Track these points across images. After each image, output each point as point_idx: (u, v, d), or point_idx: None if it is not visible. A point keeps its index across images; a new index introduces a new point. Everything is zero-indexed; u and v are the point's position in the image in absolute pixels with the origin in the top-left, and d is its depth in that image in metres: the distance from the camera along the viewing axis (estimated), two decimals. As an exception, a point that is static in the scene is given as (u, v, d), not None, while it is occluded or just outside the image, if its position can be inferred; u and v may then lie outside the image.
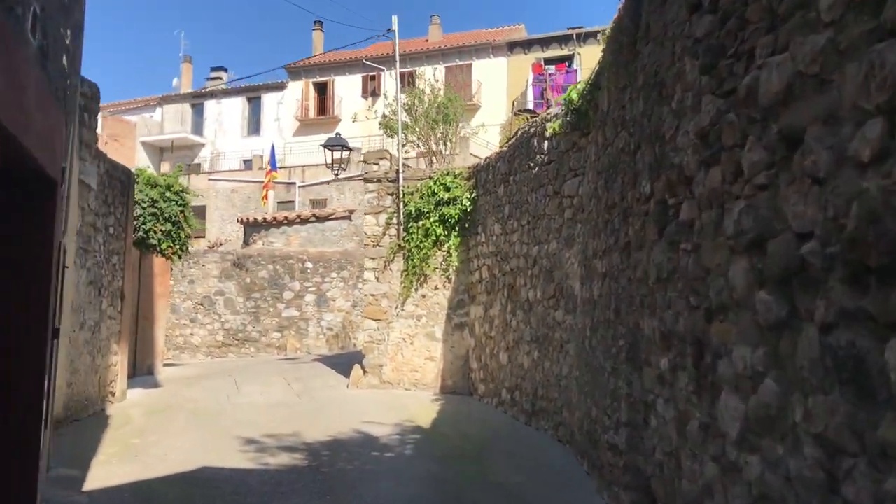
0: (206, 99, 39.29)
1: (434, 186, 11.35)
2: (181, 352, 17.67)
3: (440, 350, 11.34)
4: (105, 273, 9.30)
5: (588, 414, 6.64)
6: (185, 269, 17.86)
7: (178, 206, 13.21)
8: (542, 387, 8.41)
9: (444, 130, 12.61)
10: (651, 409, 4.72)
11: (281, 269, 17.50)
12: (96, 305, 8.96)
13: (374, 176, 11.88)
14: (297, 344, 17.29)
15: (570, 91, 7.77)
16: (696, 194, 3.69)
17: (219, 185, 33.15)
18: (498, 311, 9.96)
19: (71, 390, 8.18)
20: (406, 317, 11.50)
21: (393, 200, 11.74)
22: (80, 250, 8.36)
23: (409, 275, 11.47)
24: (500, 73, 33.34)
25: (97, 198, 8.91)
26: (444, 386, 11.26)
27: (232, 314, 17.54)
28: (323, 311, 17.47)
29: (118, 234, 9.82)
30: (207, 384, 11.93)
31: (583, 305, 7.04)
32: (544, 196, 8.43)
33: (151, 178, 13.10)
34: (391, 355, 11.51)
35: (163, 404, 9.94)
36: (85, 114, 8.45)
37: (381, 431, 8.42)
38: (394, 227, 11.69)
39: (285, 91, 37.40)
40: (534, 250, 8.70)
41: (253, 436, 8.07)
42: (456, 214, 11.14)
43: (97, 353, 9.06)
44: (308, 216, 18.54)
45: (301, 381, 12.12)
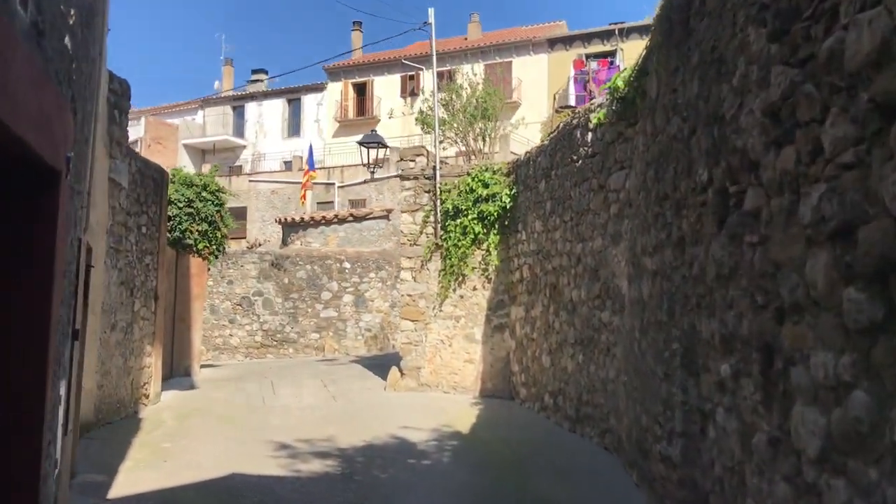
0: (246, 101, 39.52)
1: (472, 183, 10.99)
2: (220, 353, 17.60)
3: (479, 352, 10.97)
4: (137, 273, 9.15)
5: (637, 422, 6.22)
6: (223, 270, 17.78)
7: (214, 205, 13.08)
8: (587, 392, 7.99)
9: (483, 126, 12.23)
10: (709, 419, 4.30)
11: (319, 270, 17.32)
12: (128, 306, 8.80)
13: (411, 173, 11.57)
14: (336, 345, 17.08)
15: (615, 78, 7.34)
16: (764, 180, 3.27)
17: (259, 186, 33.26)
18: (540, 311, 9.56)
19: (102, 392, 8.02)
20: (444, 318, 11.16)
21: (430, 198, 11.41)
22: (110, 250, 8.20)
23: (447, 274, 11.13)
24: (541, 71, 32.84)
25: (128, 196, 8.75)
26: (483, 389, 10.89)
27: (270, 315, 17.41)
28: (361, 312, 17.24)
29: (151, 234, 9.66)
30: (243, 386, 11.75)
31: (631, 306, 6.62)
32: (588, 191, 8.01)
33: (187, 178, 12.98)
34: (429, 357, 11.18)
35: (196, 407, 9.75)
36: (115, 111, 8.29)
37: (418, 437, 8.09)
38: (431, 225, 11.36)
39: (325, 92, 37.40)
40: (577, 248, 8.28)
41: (286, 440, 7.81)
42: (495, 212, 10.76)
43: (130, 355, 8.91)
44: (346, 216, 18.31)
45: (337, 383, 11.87)
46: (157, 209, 9.85)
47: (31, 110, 2.95)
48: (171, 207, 12.61)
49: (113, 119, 8.25)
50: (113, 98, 8.25)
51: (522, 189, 10.45)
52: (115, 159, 8.29)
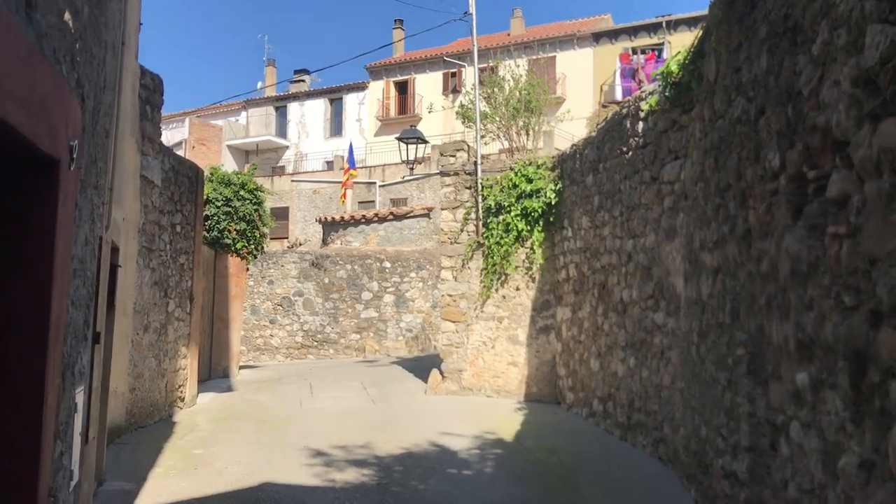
0: (289, 101, 39.65)
1: (515, 178, 10.56)
2: (261, 353, 17.47)
3: (524, 355, 10.54)
4: (172, 273, 8.95)
5: (696, 432, 5.74)
6: (264, 270, 17.66)
7: (252, 204, 12.89)
8: (639, 398, 7.51)
9: (527, 120, 11.78)
10: (781, 434, 3.84)
11: (359, 269, 17.06)
12: (162, 307, 8.60)
13: (451, 169, 11.19)
14: (376, 346, 16.81)
15: (668, 63, 6.85)
16: (855, 161, 2.80)
17: (301, 186, 33.26)
18: (588, 312, 9.09)
19: (134, 396, 7.82)
20: (486, 319, 10.75)
21: (471, 194, 11.02)
22: (142, 249, 8.00)
23: (489, 273, 10.72)
24: (586, 65, 32.17)
25: (162, 195, 8.55)
26: (528, 393, 10.46)
27: (311, 315, 17.21)
28: (402, 312, 16.93)
29: (186, 233, 9.47)
30: (281, 388, 11.52)
31: (688, 306, 6.14)
32: (639, 183, 7.53)
33: (225, 177, 12.82)
34: (471, 360, 10.79)
35: (232, 410, 9.52)
36: (147, 106, 8.09)
37: (460, 444, 7.70)
38: (472, 222, 10.96)
39: (366, 91, 37.30)
40: (628, 245, 7.81)
41: (321, 447, 7.51)
42: (539, 208, 10.32)
43: (164, 357, 8.71)
44: (386, 214, 18.02)
45: (377, 386, 11.56)
46: (192, 208, 9.65)
47: (18, 89, 2.64)
48: (209, 207, 12.47)
49: (144, 115, 8.04)
50: (144, 93, 8.05)
51: (568, 184, 9.99)
52: (146, 156, 8.09)
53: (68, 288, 3.53)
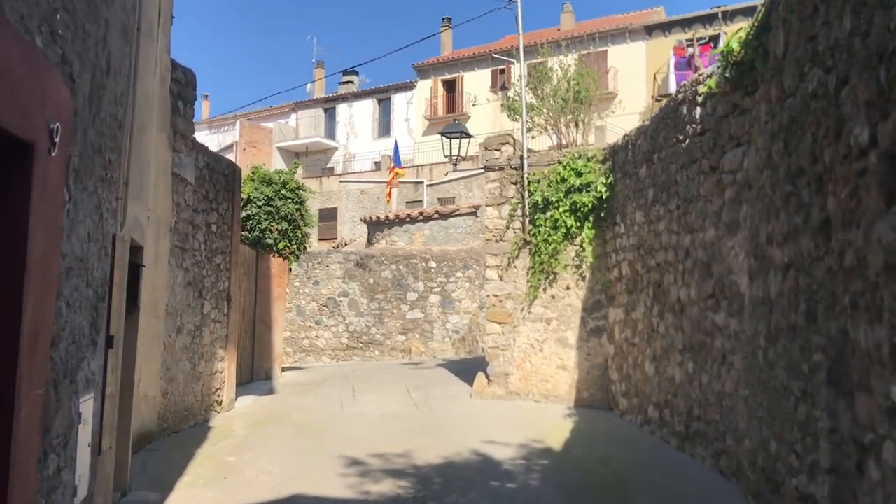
0: (337, 103, 39.68)
1: (563, 172, 10.04)
2: (307, 354, 17.27)
3: (574, 358, 10.01)
4: (207, 274, 8.70)
5: (764, 447, 5.17)
6: (309, 271, 17.46)
7: (294, 203, 12.64)
8: (698, 405, 6.93)
9: (576, 112, 11.24)
10: (871, 455, 3.29)
11: (404, 269, 16.71)
12: (196, 308, 8.34)
13: (496, 163, 10.72)
14: (422, 347, 16.43)
15: (728, 40, 6.27)
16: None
17: (349, 186, 33.18)
18: (642, 313, 8.53)
19: (167, 400, 7.57)
20: (534, 320, 10.25)
21: (517, 190, 10.53)
22: (175, 249, 7.74)
23: (536, 273, 10.22)
24: (638, 59, 31.30)
25: (195, 193, 8.30)
26: (578, 399, 9.93)
27: (356, 316, 16.93)
28: (448, 313, 16.51)
29: (222, 233, 9.22)
30: (322, 391, 11.21)
31: (753, 307, 5.57)
32: (697, 174, 6.96)
33: (266, 176, 12.59)
34: (518, 363, 10.30)
35: (270, 415, 9.23)
36: (179, 101, 7.84)
37: (504, 454, 7.24)
38: (518, 219, 10.47)
39: (414, 91, 37.05)
40: (686, 240, 7.23)
41: (358, 455, 7.13)
42: (589, 203, 9.78)
43: (199, 360, 8.46)
44: (431, 213, 17.62)
45: (421, 390, 11.16)
46: (228, 206, 9.40)
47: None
48: (250, 206, 12.26)
49: (176, 110, 7.79)
50: (176, 88, 7.80)
51: (620, 176, 9.43)
52: (179, 153, 7.84)
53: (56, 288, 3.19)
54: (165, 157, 7.45)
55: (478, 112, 34.01)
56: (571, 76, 11.38)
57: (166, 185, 7.47)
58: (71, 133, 3.19)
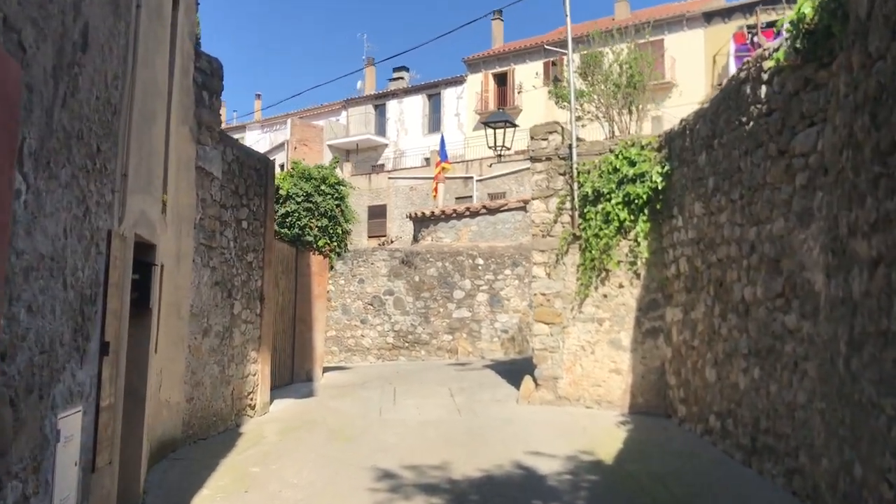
0: (387, 99, 39.39)
1: (616, 161, 9.34)
2: (352, 354, 16.89)
3: (628, 361, 9.32)
4: (238, 272, 8.30)
5: (847, 470, 4.46)
6: (354, 268, 17.07)
7: (334, 199, 12.22)
8: (766, 417, 6.21)
9: (630, 96, 10.50)
10: None
11: (450, 267, 16.16)
12: (225, 308, 7.95)
13: (543, 153, 10.07)
14: (470, 347, 15.87)
15: (800, 5, 5.53)
16: None
17: (398, 183, 32.82)
18: (702, 313, 7.81)
19: (192, 406, 7.19)
20: (584, 320, 9.59)
21: (565, 181, 9.87)
22: (200, 247, 7.35)
23: (587, 270, 9.55)
24: (697, 47, 30.07)
25: (223, 188, 7.90)
26: (633, 404, 9.23)
27: (401, 315, 16.47)
28: (496, 312, 15.91)
29: (254, 230, 8.82)
30: (363, 394, 10.75)
31: (831, 308, 4.85)
32: (763, 159, 6.23)
33: (305, 171, 12.21)
34: (567, 366, 9.65)
35: (305, 419, 8.80)
36: (203, 92, 7.45)
37: (550, 467, 6.64)
38: (567, 212, 9.82)
39: (464, 85, 36.47)
40: (751, 233, 6.51)
41: (392, 466, 6.62)
42: (644, 194, 9.07)
43: (229, 363, 8.07)
44: (478, 208, 17.02)
45: (465, 393, 10.61)
46: (260, 202, 8.99)
47: None
48: (289, 203, 11.90)
49: (201, 101, 7.40)
50: (201, 78, 7.41)
51: (677, 165, 8.70)
52: (204, 146, 7.45)
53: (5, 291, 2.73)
54: (188, 151, 7.07)
55: (529, 105, 33.28)
56: (624, 59, 10.65)
57: (189, 180, 7.08)
58: (16, 111, 2.72)
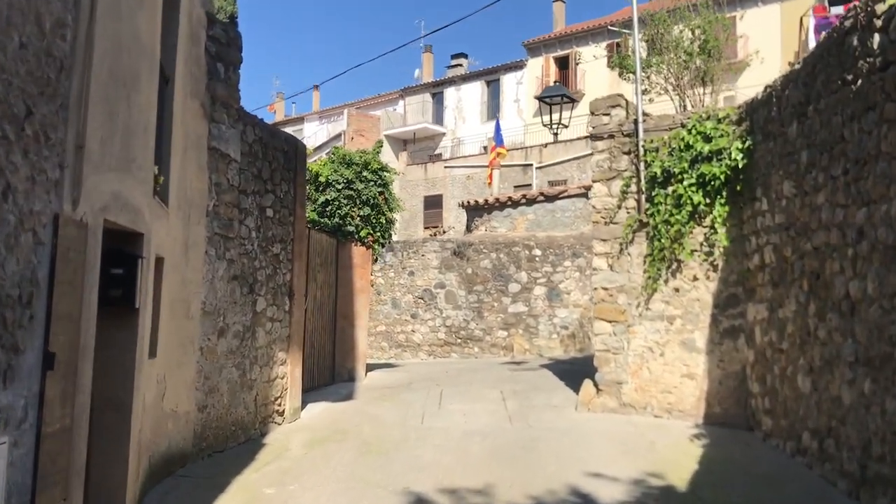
0: (445, 87, 38.47)
1: (688, 137, 8.19)
2: (403, 350, 16.07)
3: (703, 364, 8.18)
4: (261, 265, 7.51)
5: None
6: (404, 260, 16.22)
7: (376, 186, 11.37)
8: (880, 441, 5.06)
9: (703, 66, 9.29)
10: None
11: (505, 258, 15.13)
12: (246, 305, 7.16)
13: (605, 130, 8.97)
14: (526, 344, 14.82)
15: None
16: None
17: (455, 172, 31.89)
18: (793, 311, 6.64)
19: (206, 415, 6.42)
20: (653, 318, 8.48)
21: (630, 161, 8.76)
22: (215, 237, 6.57)
23: (655, 261, 8.43)
24: (772, 24, 28.14)
25: (243, 172, 7.10)
26: (708, 414, 8.09)
27: (453, 309, 15.53)
28: (555, 307, 14.80)
29: (282, 218, 8.01)
30: (407, 397, 9.87)
31: None
32: (876, 124, 5.05)
33: (346, 157, 11.38)
34: (633, 370, 8.56)
35: (338, 428, 7.97)
36: (217, 63, 6.65)
37: (611, 494, 5.62)
38: (632, 196, 8.71)
39: (524, 70, 35.24)
40: (859, 215, 5.33)
41: (425, 490, 5.71)
42: (721, 174, 7.90)
43: (251, 365, 7.29)
44: (535, 196, 15.93)
45: (518, 397, 9.62)
46: (289, 188, 8.18)
47: None
48: (329, 191, 11.11)
49: (215, 74, 6.60)
50: (214, 48, 6.61)
51: (761, 139, 7.51)
52: (219, 124, 6.65)
53: None
54: (198, 128, 6.28)
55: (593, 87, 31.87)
56: (697, 24, 9.43)
57: (200, 162, 6.29)
58: None
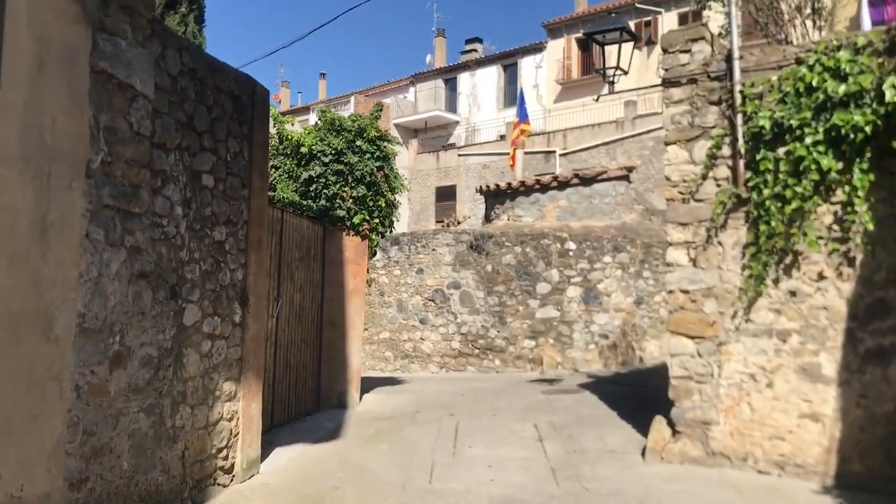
0: (458, 72, 35.97)
1: (810, 76, 5.74)
2: (410, 361, 13.67)
3: (833, 401, 5.72)
4: (194, 257, 5.11)
5: None
6: (412, 255, 13.81)
7: (374, 160, 8.97)
8: None
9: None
10: None
11: (532, 253, 12.65)
12: (163, 318, 4.76)
13: (683, 73, 6.52)
14: (558, 357, 12.35)
15: None
16: None
17: (469, 161, 29.44)
18: None
19: (86, 494, 4.03)
20: (756, 333, 6.03)
21: (721, 114, 6.31)
22: (105, 212, 4.19)
23: (761, 253, 5.99)
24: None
25: (159, 116, 4.70)
26: (844, 472, 5.64)
27: (469, 314, 13.07)
28: (593, 311, 12.32)
29: (230, 191, 5.61)
30: (410, 434, 7.46)
31: None
32: None
33: (335, 121, 8.99)
34: (727, 405, 6.12)
35: (304, 492, 5.57)
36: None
37: None
38: (724, 163, 6.26)
39: (544, 53, 32.69)
40: None
41: None
42: (866, 124, 5.43)
43: (176, 407, 4.90)
44: (568, 178, 13.40)
45: (560, 434, 7.20)
46: (241, 148, 5.78)
47: None
48: (314, 165, 8.73)
49: (105, -45, 4.20)
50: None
51: (937, 69, 5.06)
52: (115, 37, 4.27)
53: None
54: (71, 37, 3.90)
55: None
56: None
57: (74, 89, 3.92)
58: None
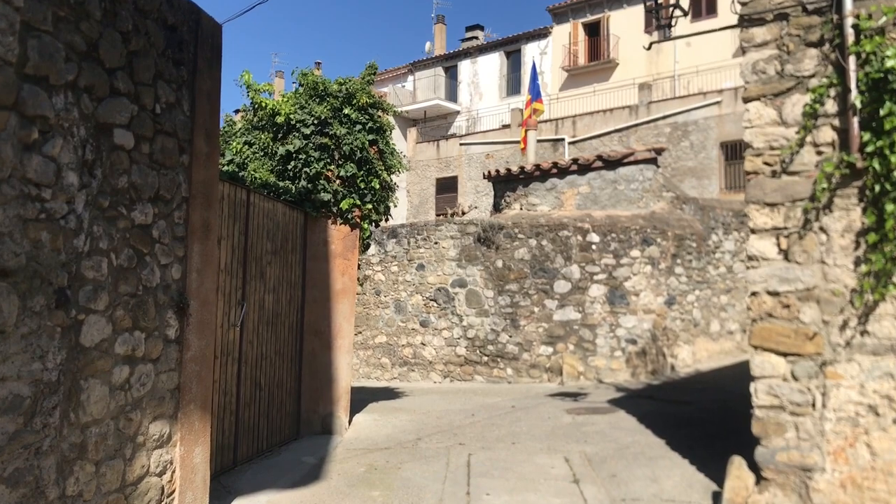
0: (459, 60, 34.37)
1: (956, 0, 4.23)
2: (409, 369, 12.14)
3: (985, 444, 4.21)
4: (98, 247, 3.58)
5: None
6: (411, 250, 12.28)
7: (366, 132, 7.44)
8: None
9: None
10: None
11: (549, 246, 11.11)
12: (40, 336, 3.23)
13: (770, 6, 4.99)
14: (580, 366, 10.81)
15: None
16: None
17: (472, 151, 27.89)
18: None
19: None
20: (878, 350, 4.52)
21: (822, 59, 4.79)
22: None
23: (886, 243, 4.48)
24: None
25: (35, 36, 3.16)
26: None
27: (477, 315, 11.54)
28: (619, 313, 10.79)
29: (160, 156, 4.08)
30: (411, 474, 5.93)
31: None
32: None
33: (319, 85, 7.45)
34: (836, 446, 4.60)
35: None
36: None
37: None
38: (827, 124, 4.74)
39: (549, 38, 31.13)
40: None
41: None
42: None
43: (70, 465, 3.36)
44: (590, 161, 11.81)
45: (600, 472, 5.68)
46: (178, 99, 4.24)
47: None
48: (292, 138, 7.21)
49: None
50: None
51: None
52: None
53: None
54: None
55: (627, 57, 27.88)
56: None
57: None
58: None
